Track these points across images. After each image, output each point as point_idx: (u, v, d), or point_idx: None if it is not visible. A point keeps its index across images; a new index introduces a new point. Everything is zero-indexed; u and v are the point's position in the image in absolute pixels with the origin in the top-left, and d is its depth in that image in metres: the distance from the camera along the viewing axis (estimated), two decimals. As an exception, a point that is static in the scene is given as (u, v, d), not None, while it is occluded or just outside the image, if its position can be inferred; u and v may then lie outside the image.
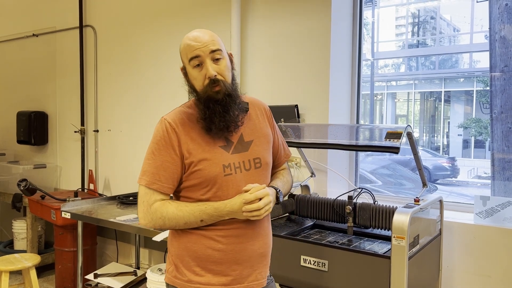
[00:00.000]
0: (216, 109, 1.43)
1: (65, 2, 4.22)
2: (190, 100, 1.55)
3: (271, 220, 2.45)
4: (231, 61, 1.52)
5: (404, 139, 1.95)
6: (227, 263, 1.47)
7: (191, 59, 1.47)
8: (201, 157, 1.44)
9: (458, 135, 6.13)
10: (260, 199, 1.41)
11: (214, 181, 1.44)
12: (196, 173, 1.44)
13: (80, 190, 3.98)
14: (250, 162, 1.51)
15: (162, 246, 3.49)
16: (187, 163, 1.44)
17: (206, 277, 1.47)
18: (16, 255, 3.13)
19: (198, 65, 1.46)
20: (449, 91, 6.36)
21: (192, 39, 1.47)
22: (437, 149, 6.26)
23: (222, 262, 1.47)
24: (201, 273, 1.47)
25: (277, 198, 1.52)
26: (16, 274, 3.92)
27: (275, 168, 1.70)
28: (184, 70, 1.54)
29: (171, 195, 1.50)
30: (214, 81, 1.43)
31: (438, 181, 5.63)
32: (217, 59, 1.46)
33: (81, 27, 4.06)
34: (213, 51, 1.44)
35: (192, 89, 1.52)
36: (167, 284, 1.54)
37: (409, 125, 1.99)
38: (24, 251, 4.03)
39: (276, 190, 1.52)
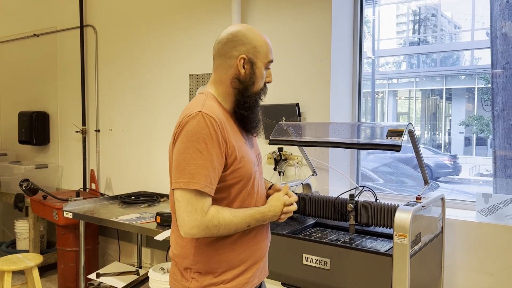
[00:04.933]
0: (256, 111, 1.48)
1: (66, 2, 4.22)
2: (206, 93, 1.45)
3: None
4: None
5: (405, 137, 1.95)
6: (262, 259, 1.52)
7: (270, 61, 1.48)
8: (241, 154, 1.39)
9: (460, 132, 6.12)
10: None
11: (250, 178, 1.42)
12: (238, 171, 1.37)
13: (82, 190, 3.98)
14: (257, 157, 1.54)
15: (164, 245, 3.49)
16: (230, 161, 1.36)
17: (248, 276, 1.46)
18: (18, 255, 3.14)
19: (268, 68, 1.49)
20: (451, 88, 6.34)
21: (267, 40, 1.50)
22: (438, 146, 6.25)
23: (259, 259, 1.51)
24: (244, 274, 1.46)
25: None
26: (18, 274, 3.93)
27: None
28: (248, 61, 1.42)
29: None
30: (265, 88, 1.50)
31: (440, 179, 5.61)
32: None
33: (81, 27, 4.06)
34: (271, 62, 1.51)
35: (246, 83, 1.43)
36: None
37: (410, 123, 1.98)
38: (27, 251, 4.04)
39: None
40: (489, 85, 2.59)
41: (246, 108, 1.44)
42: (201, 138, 1.30)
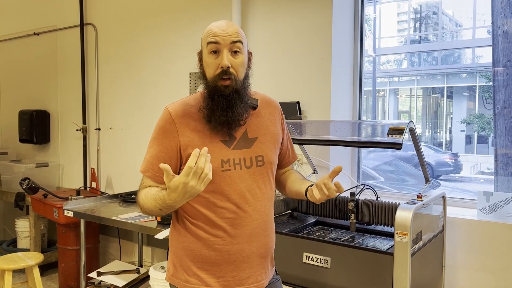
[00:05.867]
0: (220, 102, 1.38)
1: (66, 1, 4.21)
2: (198, 92, 1.50)
3: (274, 218, 2.45)
4: (249, 59, 1.48)
5: (406, 135, 1.94)
6: (224, 264, 1.43)
7: (209, 43, 1.38)
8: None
9: (461, 130, 6.11)
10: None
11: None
12: None
13: (82, 188, 3.98)
14: (252, 159, 1.45)
15: (164, 244, 3.49)
16: (185, 155, 1.40)
17: (203, 278, 1.44)
18: (19, 253, 3.14)
19: (214, 51, 1.38)
20: (452, 86, 6.33)
21: (216, 25, 1.40)
22: (439, 145, 6.24)
23: (219, 263, 1.43)
24: (198, 274, 1.44)
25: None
26: (19, 272, 3.93)
27: (282, 167, 1.67)
28: (200, 54, 1.45)
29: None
30: (225, 73, 1.37)
31: (441, 177, 5.61)
32: (236, 52, 1.39)
33: (81, 25, 4.06)
34: (233, 42, 1.38)
35: (202, 75, 1.44)
36: (170, 284, 1.54)
37: (411, 121, 1.98)
38: (27, 250, 4.04)
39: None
40: (491, 83, 2.58)
41: (207, 101, 1.41)
42: (156, 130, 1.46)
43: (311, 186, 1.49)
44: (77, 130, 4.12)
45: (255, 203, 1.46)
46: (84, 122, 4.09)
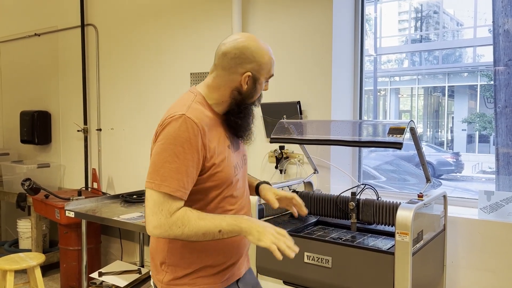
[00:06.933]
0: (250, 118, 1.50)
1: (67, 1, 4.22)
2: (196, 93, 1.45)
3: (275, 217, 2.45)
4: None
5: (407, 134, 1.94)
6: (229, 263, 1.49)
7: (271, 76, 1.50)
8: (221, 159, 1.39)
9: (462, 130, 6.10)
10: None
11: (229, 182, 1.42)
12: (216, 175, 1.38)
13: (83, 189, 3.99)
14: (242, 159, 1.54)
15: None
16: (209, 165, 1.36)
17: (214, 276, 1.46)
18: (21, 254, 3.14)
19: (267, 81, 1.51)
20: (453, 85, 6.32)
21: (272, 55, 1.48)
22: (441, 144, 6.24)
23: (227, 262, 1.48)
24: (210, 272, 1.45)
25: None
26: (21, 273, 3.94)
27: None
28: (252, 77, 1.43)
29: None
30: (261, 96, 1.51)
31: (442, 177, 5.60)
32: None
33: (82, 26, 4.06)
34: None
35: (245, 96, 1.45)
36: None
37: (412, 120, 1.97)
38: (29, 250, 4.05)
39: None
40: (492, 82, 2.58)
41: (241, 117, 1.46)
42: (179, 142, 1.30)
43: (261, 184, 1.67)
44: (78, 130, 4.12)
45: (247, 199, 1.58)
46: (85, 122, 4.10)
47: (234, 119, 1.45)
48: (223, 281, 1.47)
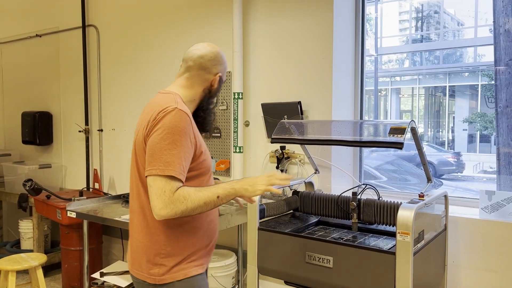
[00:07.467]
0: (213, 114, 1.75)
1: (68, 2, 4.22)
2: (173, 93, 1.61)
3: (276, 217, 2.45)
4: None
5: (408, 134, 1.94)
6: (212, 245, 1.69)
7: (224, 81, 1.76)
8: (204, 148, 1.60)
9: (463, 129, 6.09)
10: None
11: (210, 171, 1.65)
12: (203, 163, 1.58)
13: (85, 189, 3.99)
14: None
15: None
16: (198, 154, 1.54)
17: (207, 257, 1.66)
18: (22, 254, 3.15)
19: None
20: (454, 85, 6.31)
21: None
22: (442, 144, 6.23)
23: (210, 244, 1.67)
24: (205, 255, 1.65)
25: None
26: (23, 273, 3.95)
27: None
28: (220, 78, 1.70)
29: None
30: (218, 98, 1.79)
31: (443, 176, 5.59)
32: None
33: (83, 27, 4.07)
34: None
35: (213, 94, 1.70)
36: (162, 285, 1.53)
37: (413, 120, 1.98)
38: (31, 251, 4.06)
39: None
40: (493, 82, 2.58)
41: (208, 113, 1.70)
42: (176, 132, 1.45)
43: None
44: (80, 131, 4.13)
45: None
46: (86, 123, 4.11)
47: (204, 115, 1.68)
48: (206, 263, 1.64)
